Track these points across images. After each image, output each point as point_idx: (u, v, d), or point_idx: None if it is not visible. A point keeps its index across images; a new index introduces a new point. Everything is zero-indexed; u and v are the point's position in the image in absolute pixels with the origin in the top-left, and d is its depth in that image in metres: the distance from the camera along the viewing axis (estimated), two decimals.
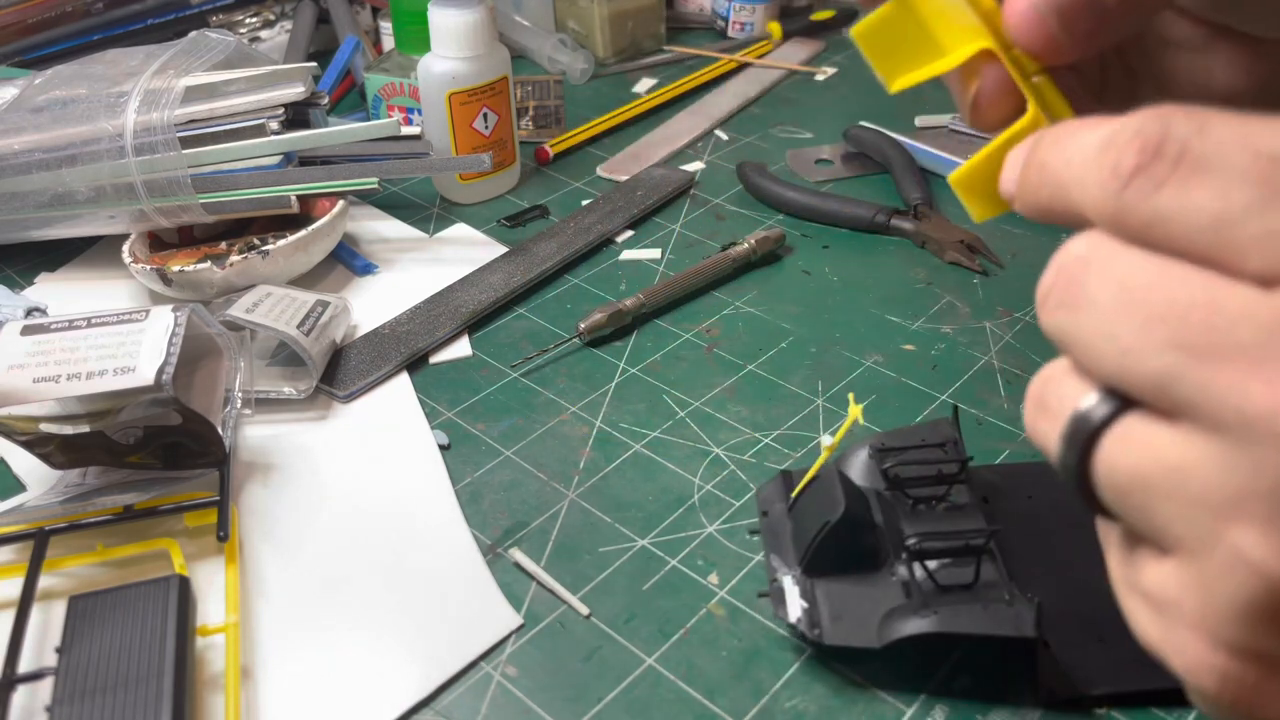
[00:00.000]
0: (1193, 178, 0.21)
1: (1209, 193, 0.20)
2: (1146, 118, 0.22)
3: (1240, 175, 0.20)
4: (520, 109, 0.74)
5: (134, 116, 0.55)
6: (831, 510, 0.37)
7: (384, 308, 0.56)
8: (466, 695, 0.37)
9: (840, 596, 0.37)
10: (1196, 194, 0.21)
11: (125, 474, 0.44)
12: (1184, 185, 0.21)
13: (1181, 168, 0.21)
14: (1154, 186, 0.21)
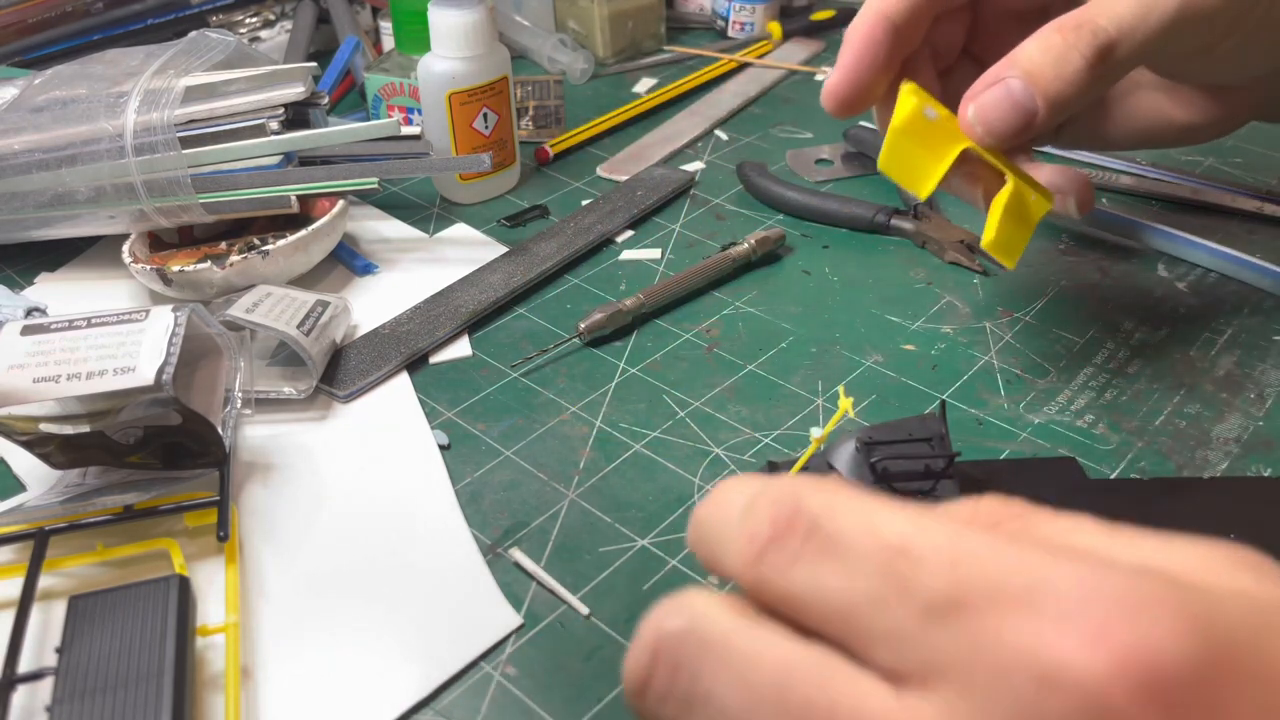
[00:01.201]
0: (821, 560, 0.20)
1: (837, 579, 0.19)
2: (783, 489, 0.21)
3: (865, 565, 0.19)
4: (520, 109, 0.74)
5: (134, 116, 0.55)
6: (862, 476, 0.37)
7: (384, 308, 0.56)
8: (466, 695, 0.37)
9: None
10: (826, 578, 0.20)
11: (125, 474, 0.44)
12: (814, 566, 0.20)
13: (811, 547, 0.20)
14: (787, 562, 0.20)
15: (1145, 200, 0.64)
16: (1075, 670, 0.16)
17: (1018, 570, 0.17)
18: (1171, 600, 0.16)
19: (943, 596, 0.18)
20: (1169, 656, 0.16)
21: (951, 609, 0.18)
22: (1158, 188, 0.64)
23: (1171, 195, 0.63)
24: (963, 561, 0.18)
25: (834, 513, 0.20)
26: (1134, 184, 0.65)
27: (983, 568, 0.18)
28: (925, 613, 0.18)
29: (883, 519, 0.20)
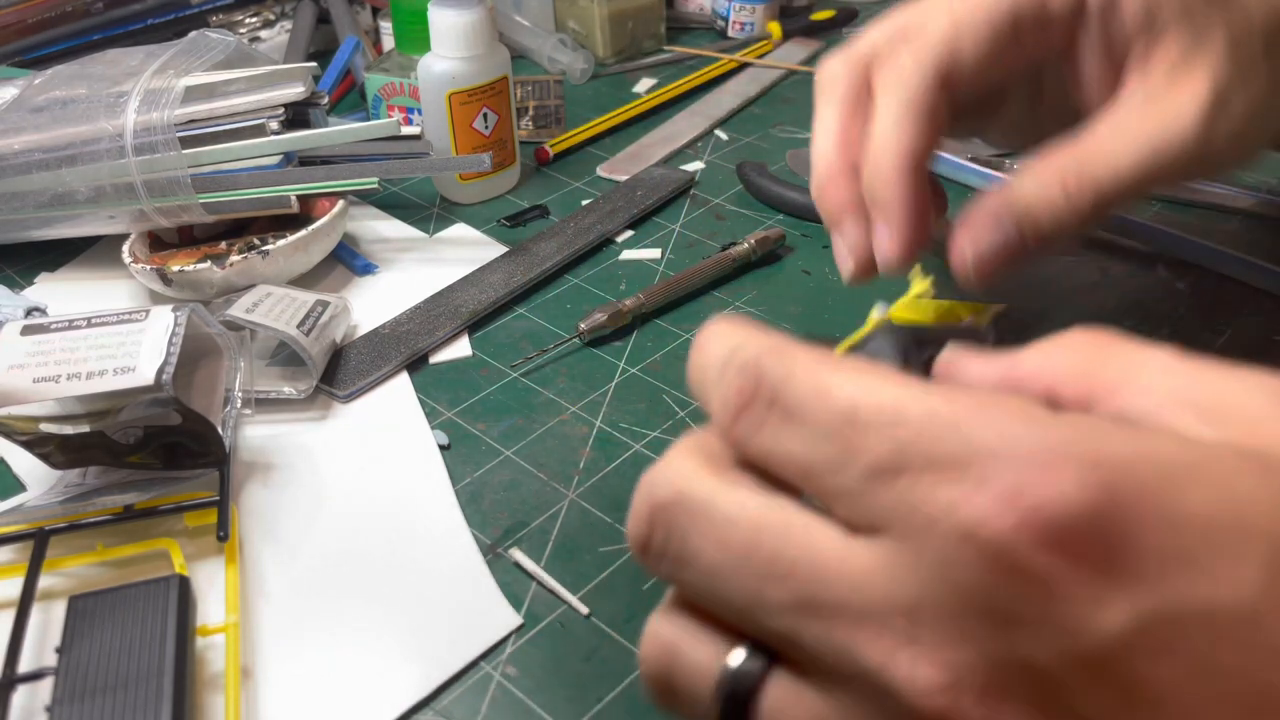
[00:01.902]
0: (782, 427, 0.22)
1: (796, 444, 0.22)
2: (748, 356, 0.23)
3: (818, 430, 0.21)
4: (520, 109, 0.74)
5: (134, 116, 0.55)
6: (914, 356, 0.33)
7: (384, 308, 0.56)
8: (466, 695, 0.37)
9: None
10: (787, 443, 0.22)
11: (125, 474, 0.44)
12: (776, 432, 0.22)
13: (774, 414, 0.22)
14: (754, 429, 0.22)
15: (1145, 200, 0.64)
16: (987, 528, 0.18)
17: (951, 434, 0.19)
18: (1085, 455, 0.19)
19: (883, 461, 0.20)
20: (1067, 507, 0.18)
21: (890, 472, 0.20)
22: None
23: (1171, 195, 0.63)
24: (903, 426, 0.20)
25: (791, 380, 0.22)
26: None
27: (920, 432, 0.20)
28: (869, 475, 0.20)
29: (835, 383, 0.21)
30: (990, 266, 0.37)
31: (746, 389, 0.22)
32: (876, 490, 0.20)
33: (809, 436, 0.21)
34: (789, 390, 0.22)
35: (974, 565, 0.19)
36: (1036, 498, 0.18)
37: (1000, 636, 0.19)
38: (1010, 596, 0.18)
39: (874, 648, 0.20)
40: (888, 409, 0.20)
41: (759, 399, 0.22)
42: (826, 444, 0.21)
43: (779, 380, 0.22)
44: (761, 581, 0.21)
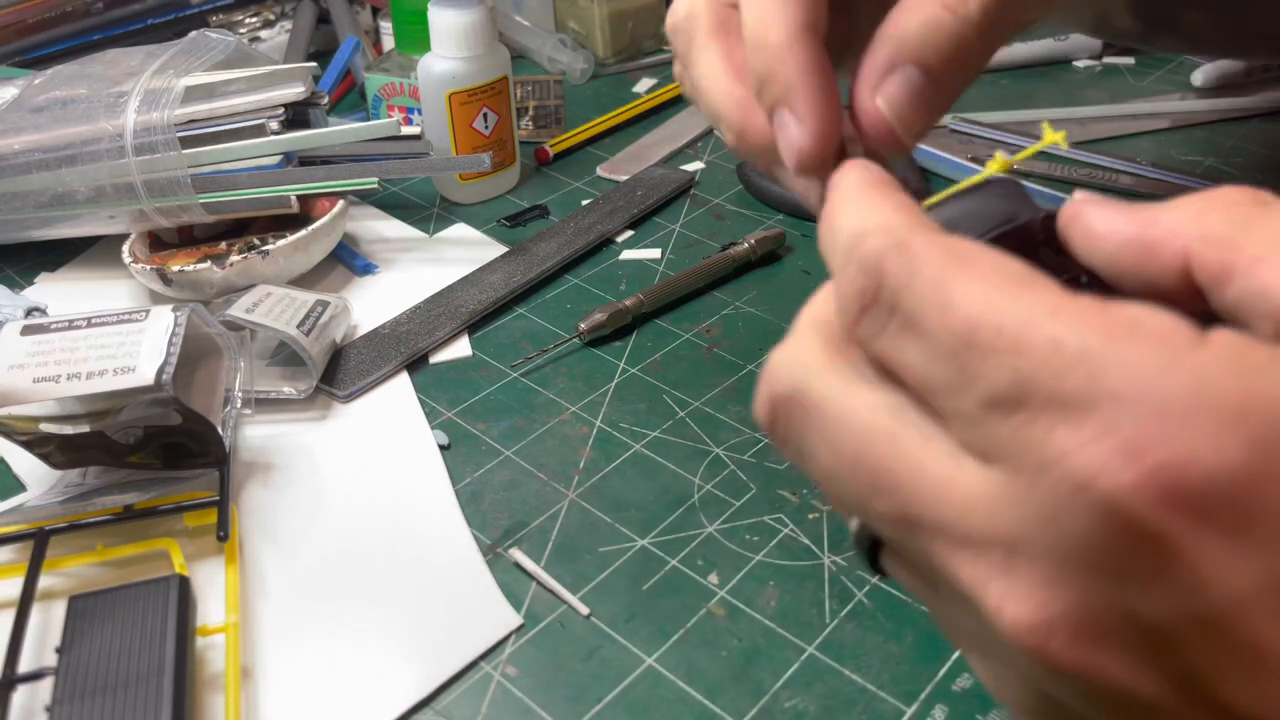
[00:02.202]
0: (901, 336, 0.21)
1: (914, 357, 0.21)
2: (869, 253, 0.22)
3: (936, 348, 0.20)
4: (520, 109, 0.74)
5: (134, 116, 0.55)
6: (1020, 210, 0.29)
7: (384, 308, 0.56)
8: (466, 695, 0.37)
9: None
10: (905, 354, 0.21)
11: (125, 474, 0.44)
12: (895, 341, 0.21)
13: (895, 322, 0.21)
14: (874, 333, 0.22)
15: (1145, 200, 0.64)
16: (1105, 481, 0.17)
17: (1076, 370, 0.18)
18: (1225, 406, 0.17)
19: (1001, 392, 0.19)
20: (1199, 469, 0.16)
21: (1008, 404, 0.18)
22: (1158, 188, 0.64)
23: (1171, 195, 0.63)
24: (1025, 355, 0.18)
25: (912, 288, 0.21)
26: (1134, 184, 0.65)
27: (1043, 364, 0.18)
28: (985, 404, 0.19)
29: (957, 297, 0.20)
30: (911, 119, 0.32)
31: (868, 290, 0.21)
32: (992, 421, 0.19)
33: (928, 352, 0.20)
34: (910, 298, 0.21)
35: (1085, 516, 0.17)
36: (1164, 455, 0.17)
37: (1105, 587, 0.18)
38: (1122, 553, 0.17)
39: (970, 572, 0.19)
40: (1009, 333, 0.19)
41: (880, 304, 0.21)
42: (944, 364, 0.20)
43: (900, 285, 0.21)
44: (868, 491, 0.21)
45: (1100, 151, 0.68)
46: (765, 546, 0.42)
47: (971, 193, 0.29)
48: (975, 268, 0.20)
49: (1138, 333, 0.18)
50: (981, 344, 0.19)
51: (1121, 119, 0.72)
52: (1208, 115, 0.73)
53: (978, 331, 0.19)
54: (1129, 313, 0.19)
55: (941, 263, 0.21)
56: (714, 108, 0.33)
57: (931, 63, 0.31)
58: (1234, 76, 0.75)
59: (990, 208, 0.29)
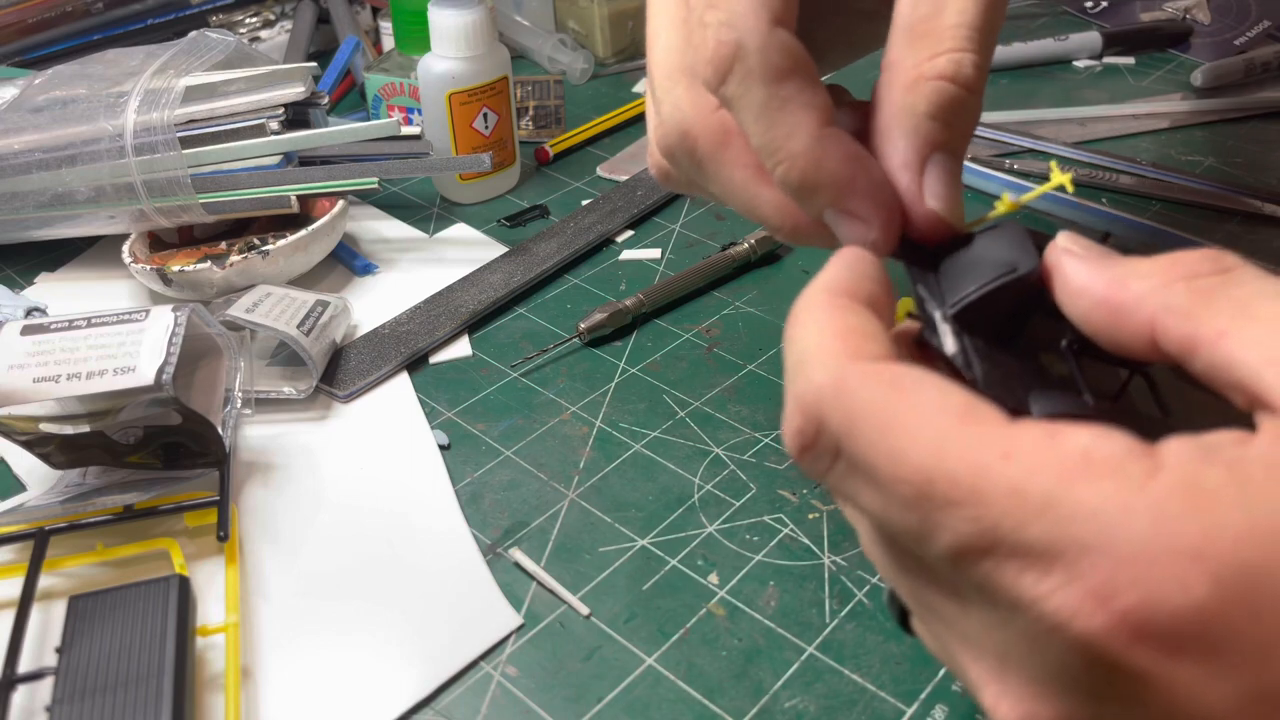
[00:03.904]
0: (852, 479, 0.21)
1: (868, 499, 0.21)
2: (806, 397, 0.22)
3: (891, 495, 0.20)
4: (520, 109, 0.74)
5: (134, 116, 0.55)
6: (1020, 259, 0.29)
7: (384, 308, 0.56)
8: (466, 695, 0.37)
9: (989, 354, 0.28)
10: (858, 494, 0.21)
11: (125, 474, 0.44)
12: (846, 480, 0.22)
13: (840, 465, 0.21)
14: (821, 471, 0.22)
15: (1145, 200, 0.64)
16: (1078, 625, 0.18)
17: (1038, 520, 0.18)
18: (1184, 547, 0.17)
19: (965, 543, 0.19)
20: (1168, 607, 0.17)
21: (976, 553, 0.19)
22: (1158, 188, 0.64)
23: (1171, 195, 0.63)
24: (984, 506, 0.19)
25: (856, 433, 0.21)
26: (1134, 184, 0.65)
27: (1004, 515, 0.18)
28: (952, 553, 0.19)
29: (905, 445, 0.20)
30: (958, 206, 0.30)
31: (807, 433, 0.22)
32: (960, 566, 0.19)
33: (883, 499, 0.20)
34: (855, 447, 0.21)
35: (1062, 652, 0.18)
36: (1132, 598, 0.17)
37: (1087, 706, 0.18)
38: (1100, 681, 0.18)
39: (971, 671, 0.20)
40: (965, 484, 0.19)
41: (819, 449, 0.21)
42: (903, 513, 0.20)
43: (841, 433, 0.21)
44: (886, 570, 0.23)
45: (1100, 151, 0.68)
46: (765, 546, 0.42)
47: (979, 237, 0.30)
48: (918, 405, 0.20)
49: (1091, 469, 0.18)
50: (938, 496, 0.19)
51: (1121, 119, 0.72)
52: (1208, 115, 0.73)
53: (933, 483, 0.19)
54: (1079, 443, 0.19)
55: (883, 404, 0.21)
56: (753, 215, 0.31)
57: (958, 144, 0.30)
58: (1234, 76, 0.75)
59: (993, 255, 0.29)
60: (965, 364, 0.27)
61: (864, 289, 0.24)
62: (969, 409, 0.20)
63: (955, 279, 0.30)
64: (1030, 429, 0.19)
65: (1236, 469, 0.18)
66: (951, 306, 0.28)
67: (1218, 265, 0.22)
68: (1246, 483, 0.18)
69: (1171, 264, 0.22)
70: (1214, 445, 0.19)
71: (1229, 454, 0.18)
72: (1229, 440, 0.19)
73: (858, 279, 0.25)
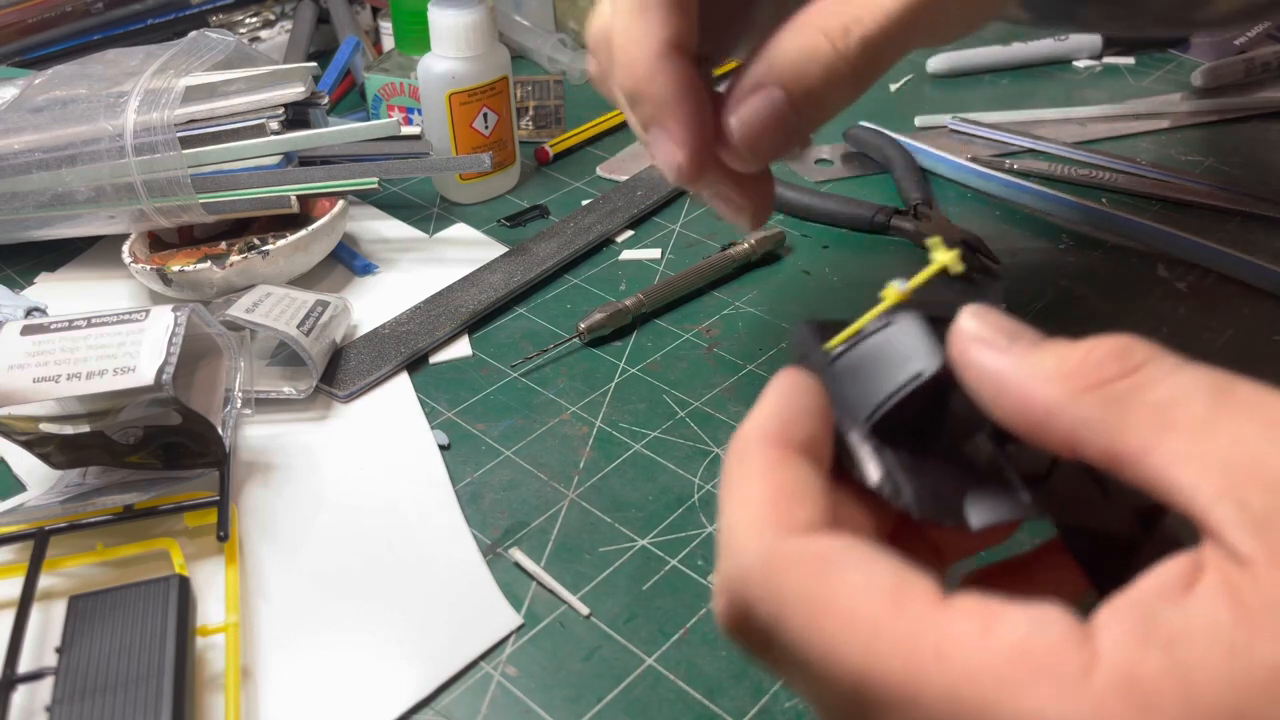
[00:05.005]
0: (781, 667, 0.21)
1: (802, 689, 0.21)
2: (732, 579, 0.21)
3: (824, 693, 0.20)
4: (520, 109, 0.74)
5: (134, 116, 0.55)
6: (925, 361, 0.28)
7: (384, 308, 0.56)
8: (466, 695, 0.37)
9: (913, 466, 0.28)
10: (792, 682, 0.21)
11: (125, 474, 0.44)
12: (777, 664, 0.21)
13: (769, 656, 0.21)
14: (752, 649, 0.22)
15: (1145, 200, 0.64)
16: None
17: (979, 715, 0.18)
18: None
19: None
20: None
21: None
22: (1158, 188, 0.64)
23: (1171, 195, 0.63)
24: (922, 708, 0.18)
25: (784, 626, 0.20)
26: (1134, 184, 0.65)
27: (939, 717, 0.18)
28: None
29: (835, 641, 0.19)
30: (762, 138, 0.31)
31: (734, 615, 0.21)
32: None
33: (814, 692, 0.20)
34: (784, 639, 0.20)
35: None
36: None
37: None
38: None
39: None
40: (900, 688, 0.18)
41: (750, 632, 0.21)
42: (837, 708, 0.20)
43: (769, 623, 0.20)
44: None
45: (1100, 151, 0.68)
46: None
47: (874, 336, 0.29)
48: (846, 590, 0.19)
49: (1028, 669, 0.18)
50: (873, 699, 0.19)
51: (1121, 119, 0.72)
52: (1208, 115, 0.73)
53: (867, 686, 0.19)
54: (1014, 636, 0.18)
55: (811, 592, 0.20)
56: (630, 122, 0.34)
57: (796, 89, 0.31)
58: (1234, 76, 0.75)
59: (894, 355, 0.28)
60: (894, 492, 0.26)
61: (800, 430, 0.24)
62: (899, 590, 0.19)
63: (858, 388, 0.29)
64: (963, 617, 0.19)
65: (1176, 649, 0.17)
66: (865, 424, 0.27)
67: (1125, 365, 0.20)
68: (1187, 669, 0.17)
69: (1078, 368, 0.21)
70: (1152, 612, 0.18)
71: (1168, 626, 0.17)
72: (1169, 594, 0.18)
73: (794, 417, 0.24)
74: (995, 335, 0.23)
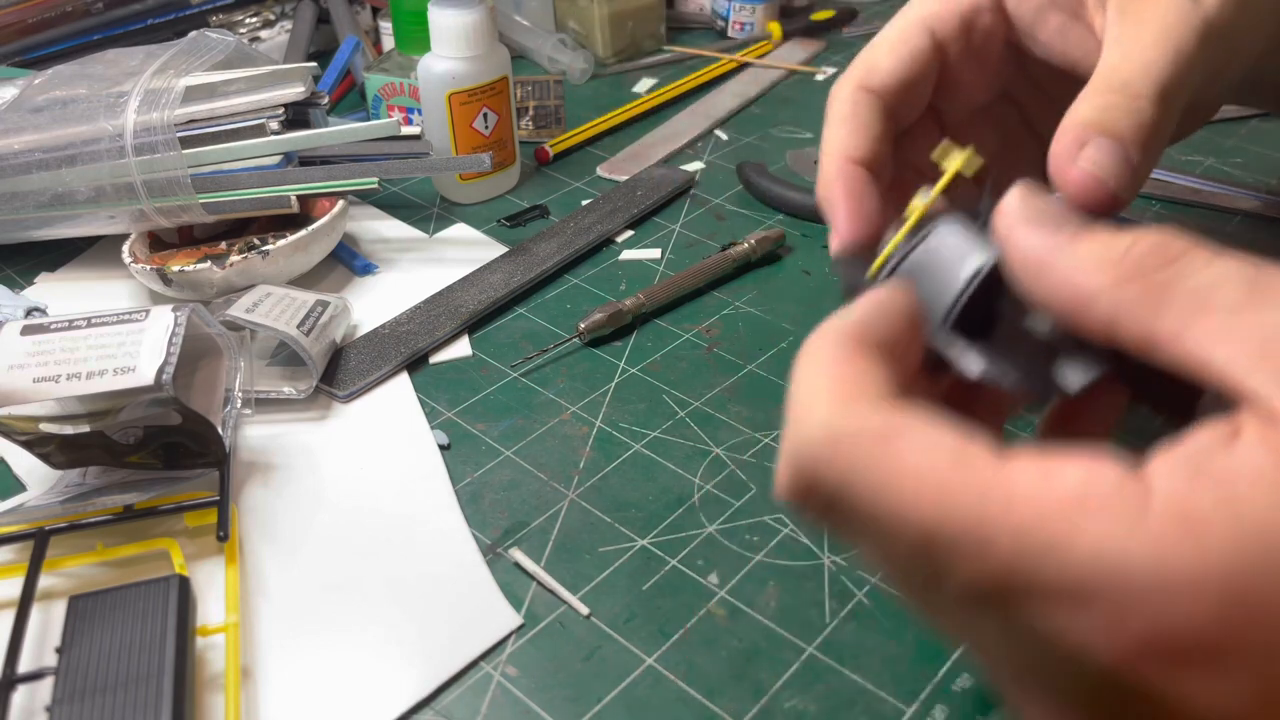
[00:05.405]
0: (847, 530, 0.22)
1: (868, 548, 0.22)
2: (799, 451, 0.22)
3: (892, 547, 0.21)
4: (520, 109, 0.74)
5: (134, 116, 0.55)
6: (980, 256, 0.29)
7: (384, 308, 0.56)
8: (466, 695, 0.37)
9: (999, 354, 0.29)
10: (859, 539, 0.22)
11: (125, 474, 0.44)
12: (843, 527, 0.22)
13: (834, 518, 0.22)
14: (818, 519, 0.23)
15: (1145, 200, 0.64)
16: (1096, 652, 0.19)
17: (1045, 561, 0.19)
18: (1183, 580, 0.18)
19: (975, 586, 0.20)
20: (1176, 633, 0.18)
21: (984, 595, 0.20)
22: (1158, 188, 0.64)
23: (1171, 195, 0.63)
24: (991, 552, 0.19)
25: (851, 493, 0.21)
26: None
27: (1012, 558, 0.19)
28: (960, 596, 0.20)
29: (904, 501, 0.20)
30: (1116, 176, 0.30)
31: (799, 487, 0.22)
32: (970, 606, 0.20)
33: (882, 549, 0.21)
34: (852, 505, 0.21)
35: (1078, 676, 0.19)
36: (1139, 628, 0.18)
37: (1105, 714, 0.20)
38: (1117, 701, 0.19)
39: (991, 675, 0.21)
40: (971, 532, 0.20)
41: (813, 502, 0.22)
42: (903, 562, 0.21)
43: (836, 492, 0.22)
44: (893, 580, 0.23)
45: None
46: (765, 546, 0.42)
47: (918, 246, 0.30)
48: (913, 456, 0.21)
49: (1088, 510, 0.19)
50: (944, 547, 0.20)
51: None
52: None
53: (937, 537, 0.20)
54: (1073, 482, 0.19)
55: (877, 461, 0.21)
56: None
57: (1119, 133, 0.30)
58: None
59: (944, 258, 0.29)
60: (1000, 378, 0.27)
61: (880, 328, 0.25)
62: (962, 450, 0.21)
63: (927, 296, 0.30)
64: (1024, 469, 0.20)
65: (1224, 487, 0.19)
66: (945, 325, 0.28)
67: (1165, 255, 0.22)
68: (1235, 501, 0.18)
69: (1121, 260, 0.22)
70: (1200, 459, 0.19)
71: (1215, 469, 0.19)
72: (1214, 447, 0.19)
73: (876, 318, 0.25)
74: (1041, 216, 0.24)
